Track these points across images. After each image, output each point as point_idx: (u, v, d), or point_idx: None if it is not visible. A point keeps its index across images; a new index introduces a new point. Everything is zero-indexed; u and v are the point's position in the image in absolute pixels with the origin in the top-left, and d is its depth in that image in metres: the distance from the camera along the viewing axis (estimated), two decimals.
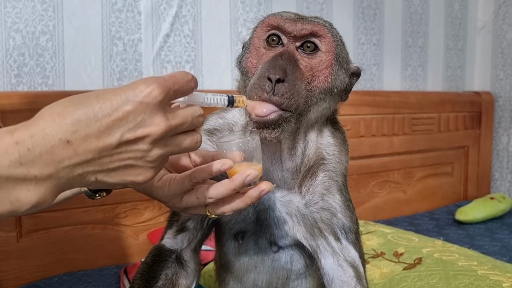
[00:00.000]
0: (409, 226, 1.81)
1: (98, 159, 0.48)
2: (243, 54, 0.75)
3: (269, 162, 0.74)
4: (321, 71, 0.70)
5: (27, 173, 0.45)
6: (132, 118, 0.48)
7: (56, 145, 0.45)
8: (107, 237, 1.40)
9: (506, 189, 2.37)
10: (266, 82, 0.64)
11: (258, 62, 0.71)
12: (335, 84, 0.72)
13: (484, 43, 2.41)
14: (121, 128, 0.48)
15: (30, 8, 1.34)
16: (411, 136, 2.06)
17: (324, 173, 0.75)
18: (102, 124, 0.47)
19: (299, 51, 0.71)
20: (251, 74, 0.71)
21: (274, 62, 0.66)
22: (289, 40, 0.71)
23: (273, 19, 0.72)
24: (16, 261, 1.27)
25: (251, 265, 0.80)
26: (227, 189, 0.60)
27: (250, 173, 0.59)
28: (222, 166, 0.59)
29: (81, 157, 0.47)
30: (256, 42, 0.73)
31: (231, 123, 0.78)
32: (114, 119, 0.47)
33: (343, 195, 0.76)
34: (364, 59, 2.04)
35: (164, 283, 0.75)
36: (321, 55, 0.71)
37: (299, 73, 0.68)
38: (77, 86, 1.42)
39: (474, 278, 1.02)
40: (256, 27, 0.75)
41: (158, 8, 1.54)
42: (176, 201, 0.64)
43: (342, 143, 0.79)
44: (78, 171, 0.47)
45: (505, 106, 2.35)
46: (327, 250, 0.74)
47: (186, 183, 0.62)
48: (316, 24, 0.71)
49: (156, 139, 0.50)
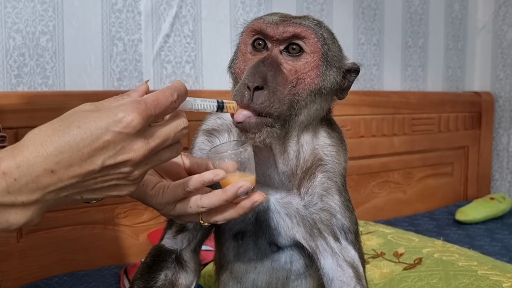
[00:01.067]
0: (409, 226, 1.81)
1: (82, 183, 0.50)
2: (233, 59, 0.76)
3: (265, 166, 0.75)
4: (307, 73, 0.69)
5: (15, 200, 0.48)
6: (112, 147, 0.50)
7: (41, 175, 0.48)
8: (107, 238, 1.40)
9: (506, 189, 2.37)
10: (245, 90, 0.64)
11: (245, 67, 0.71)
12: (323, 84, 0.71)
13: (484, 43, 2.41)
14: (102, 156, 0.50)
15: (30, 9, 1.34)
16: (411, 136, 2.06)
17: (323, 174, 0.75)
18: (83, 154, 0.49)
19: (284, 55, 0.70)
20: (239, 79, 0.71)
21: (255, 69, 0.66)
22: (272, 44, 0.70)
23: (256, 23, 0.71)
24: (16, 261, 1.27)
25: (250, 266, 0.80)
26: (220, 200, 0.61)
27: (242, 185, 0.60)
28: (215, 176, 0.60)
29: (65, 183, 0.49)
30: (242, 47, 0.73)
31: (230, 123, 0.78)
32: (95, 148, 0.49)
33: (342, 195, 0.76)
34: (364, 59, 2.04)
35: (164, 284, 0.75)
36: (306, 56, 0.70)
37: (281, 78, 0.67)
38: (77, 86, 1.42)
39: (474, 278, 1.02)
40: (242, 32, 0.74)
41: (158, 9, 1.54)
42: (169, 209, 0.65)
43: (340, 143, 0.79)
44: (63, 193, 0.50)
45: (505, 106, 2.35)
46: (326, 251, 0.74)
47: (179, 192, 0.62)
48: (298, 25, 0.69)
49: (136, 163, 0.52)
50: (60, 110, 0.55)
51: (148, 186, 0.65)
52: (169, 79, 1.57)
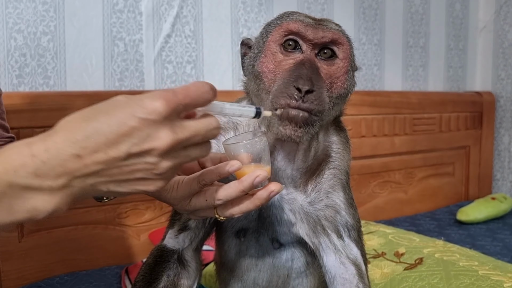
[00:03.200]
0: (410, 226, 1.81)
1: (107, 170, 0.50)
2: (256, 56, 0.74)
3: (282, 161, 0.75)
4: (338, 78, 0.72)
5: (42, 184, 0.48)
6: (137, 134, 0.49)
7: (67, 159, 0.48)
8: (109, 237, 1.41)
9: (507, 189, 2.37)
10: (295, 91, 0.65)
11: (276, 68, 0.71)
12: (349, 89, 0.75)
13: (486, 43, 2.41)
14: (127, 142, 0.49)
15: (31, 9, 1.34)
16: (412, 136, 2.06)
17: (330, 171, 0.76)
18: (109, 139, 0.48)
19: (318, 58, 0.72)
20: (267, 79, 0.71)
21: (300, 71, 0.67)
22: (308, 47, 0.71)
23: (293, 24, 0.71)
24: (18, 261, 1.27)
25: (251, 263, 0.80)
26: (236, 191, 0.60)
27: (259, 174, 0.59)
28: (230, 167, 0.60)
29: (90, 169, 0.49)
30: (272, 46, 0.72)
31: (235, 121, 0.78)
32: (120, 134, 0.49)
33: (346, 192, 0.77)
34: (365, 59, 2.04)
35: (166, 285, 0.75)
36: (339, 62, 0.72)
37: (322, 81, 0.69)
38: (79, 86, 1.42)
39: (475, 278, 1.02)
40: (271, 30, 0.73)
41: (159, 9, 1.54)
42: (184, 204, 0.64)
43: (346, 141, 0.80)
44: (89, 181, 0.50)
45: (507, 106, 2.34)
46: (329, 248, 0.75)
47: (194, 185, 0.62)
48: (336, 32, 0.72)
49: (163, 152, 0.50)
50: (61, 110, 0.55)
51: None
52: (170, 79, 1.58)
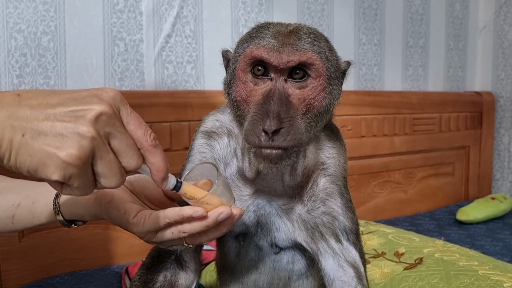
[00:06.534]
0: (410, 226, 1.82)
1: (33, 114, 0.52)
2: (229, 83, 0.71)
3: (271, 181, 0.75)
4: (315, 98, 0.67)
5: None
6: (81, 98, 0.53)
7: (8, 94, 0.53)
8: (109, 237, 1.41)
9: (507, 189, 2.37)
10: (261, 132, 0.63)
11: (248, 97, 0.68)
12: (331, 102, 0.70)
13: (485, 43, 2.41)
14: (68, 100, 0.53)
15: (32, 9, 1.34)
16: (412, 136, 2.06)
17: (326, 179, 0.75)
18: (54, 93, 0.54)
19: (289, 83, 0.67)
20: (242, 107, 0.69)
21: (266, 108, 0.64)
22: (275, 74, 0.67)
23: (255, 50, 0.67)
24: (18, 260, 1.27)
25: (252, 266, 0.80)
26: (201, 226, 0.62)
27: (222, 211, 0.62)
28: (194, 213, 0.61)
29: (22, 109, 0.52)
30: (241, 75, 0.69)
31: (228, 127, 0.77)
32: (68, 96, 0.53)
33: (344, 197, 0.76)
34: (365, 59, 2.05)
35: (163, 285, 0.75)
36: (312, 82, 0.67)
37: (293, 110, 0.65)
38: (79, 86, 1.42)
39: (475, 278, 1.02)
40: (238, 58, 0.69)
41: (160, 9, 1.54)
42: (151, 237, 0.66)
43: (339, 144, 0.78)
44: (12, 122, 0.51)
45: (506, 106, 2.35)
46: (327, 252, 0.75)
47: (160, 222, 0.63)
48: (303, 53, 0.66)
49: (95, 117, 0.52)
50: None
51: (130, 214, 0.65)
52: (170, 79, 1.58)
